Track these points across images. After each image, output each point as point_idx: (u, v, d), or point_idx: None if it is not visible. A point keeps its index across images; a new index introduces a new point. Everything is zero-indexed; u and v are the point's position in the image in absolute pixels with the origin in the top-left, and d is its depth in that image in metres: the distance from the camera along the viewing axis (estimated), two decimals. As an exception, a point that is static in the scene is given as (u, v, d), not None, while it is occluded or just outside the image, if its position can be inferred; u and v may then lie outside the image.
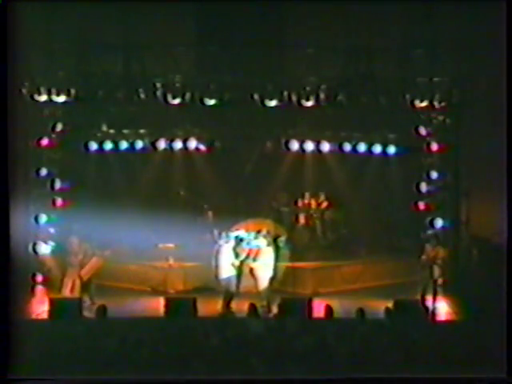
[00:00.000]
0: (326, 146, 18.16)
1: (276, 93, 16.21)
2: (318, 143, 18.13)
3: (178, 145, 18.06)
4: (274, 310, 14.46)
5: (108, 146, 18.01)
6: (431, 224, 16.92)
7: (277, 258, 15.89)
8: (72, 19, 16.10)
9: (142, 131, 18.16)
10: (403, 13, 16.25)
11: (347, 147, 18.11)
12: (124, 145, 18.08)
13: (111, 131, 18.11)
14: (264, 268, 15.74)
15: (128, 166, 18.85)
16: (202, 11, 17.04)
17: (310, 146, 18.10)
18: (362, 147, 18.08)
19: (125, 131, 18.15)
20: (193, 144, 18.08)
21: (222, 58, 16.28)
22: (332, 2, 16.08)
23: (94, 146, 17.89)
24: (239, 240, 15.78)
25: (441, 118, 16.87)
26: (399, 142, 18.03)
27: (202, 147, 18.26)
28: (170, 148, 18.16)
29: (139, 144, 18.08)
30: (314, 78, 16.32)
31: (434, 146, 16.97)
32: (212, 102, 16.26)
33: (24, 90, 15.82)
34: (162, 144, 18.00)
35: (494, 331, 10.86)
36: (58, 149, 17.12)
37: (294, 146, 18.10)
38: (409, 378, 9.45)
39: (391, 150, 18.13)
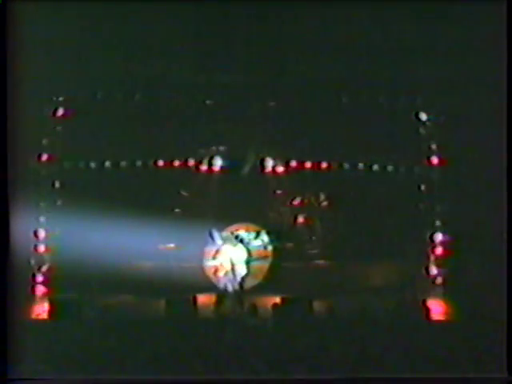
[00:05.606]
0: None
1: (276, 93, 16.22)
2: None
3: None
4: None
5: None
6: (431, 224, 16.91)
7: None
8: (72, 19, 16.09)
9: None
10: (403, 13, 16.25)
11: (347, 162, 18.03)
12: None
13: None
14: (263, 268, 15.73)
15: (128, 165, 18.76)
16: (201, 11, 17.02)
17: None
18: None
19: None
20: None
21: (222, 58, 16.29)
22: (332, 2, 16.08)
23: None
24: (239, 240, 15.77)
25: (441, 118, 16.88)
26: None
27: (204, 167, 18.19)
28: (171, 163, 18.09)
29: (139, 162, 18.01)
30: (313, 79, 16.33)
31: (434, 146, 16.97)
32: (212, 102, 16.25)
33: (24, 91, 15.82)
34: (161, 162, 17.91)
35: (494, 331, 10.87)
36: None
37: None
38: (409, 378, 9.45)
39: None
